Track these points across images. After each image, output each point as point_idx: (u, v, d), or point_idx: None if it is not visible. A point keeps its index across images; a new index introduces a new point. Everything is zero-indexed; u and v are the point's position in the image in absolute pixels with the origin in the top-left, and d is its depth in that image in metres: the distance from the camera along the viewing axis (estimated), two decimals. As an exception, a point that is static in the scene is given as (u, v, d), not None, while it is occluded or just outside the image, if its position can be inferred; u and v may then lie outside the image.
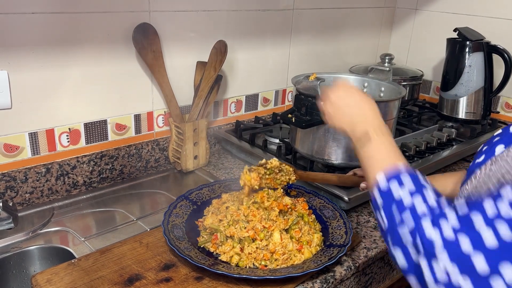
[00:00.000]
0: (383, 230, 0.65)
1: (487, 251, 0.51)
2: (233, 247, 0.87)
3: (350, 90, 0.81)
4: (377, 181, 0.65)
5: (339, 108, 0.80)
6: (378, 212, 0.65)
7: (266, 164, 0.97)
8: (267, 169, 0.97)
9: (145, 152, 1.28)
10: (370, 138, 0.72)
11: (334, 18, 1.68)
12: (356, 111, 0.77)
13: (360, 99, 0.79)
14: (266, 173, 0.97)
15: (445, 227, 0.55)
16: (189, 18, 1.26)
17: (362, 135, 0.73)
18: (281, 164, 0.99)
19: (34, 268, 0.95)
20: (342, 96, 0.80)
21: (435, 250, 0.54)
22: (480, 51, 1.51)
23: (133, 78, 1.21)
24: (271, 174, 0.98)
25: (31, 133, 1.07)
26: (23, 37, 0.99)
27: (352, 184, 1.02)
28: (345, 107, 0.79)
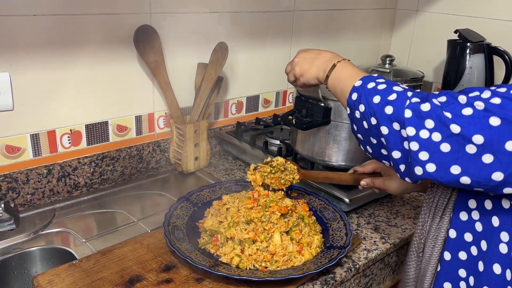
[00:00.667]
0: (360, 120, 0.74)
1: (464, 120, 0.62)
2: (234, 249, 0.87)
3: (307, 50, 0.92)
4: (353, 84, 0.76)
5: (305, 63, 0.90)
6: (356, 107, 0.74)
7: (271, 161, 0.98)
8: (273, 167, 0.97)
9: (146, 153, 1.28)
10: (335, 65, 0.84)
11: (334, 19, 1.68)
12: (322, 57, 0.88)
13: (320, 50, 0.90)
14: (271, 171, 0.98)
15: (434, 101, 0.65)
16: (190, 20, 1.27)
17: (329, 68, 0.84)
18: (286, 161, 0.99)
19: (36, 269, 0.96)
20: (304, 54, 0.91)
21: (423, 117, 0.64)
22: (480, 53, 1.51)
23: (134, 80, 1.21)
24: (276, 173, 0.98)
25: (32, 134, 1.07)
26: (25, 39, 1.00)
27: (353, 181, 1.02)
28: (311, 59, 0.89)
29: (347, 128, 1.10)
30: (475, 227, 0.72)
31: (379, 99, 0.70)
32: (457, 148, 0.62)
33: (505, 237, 0.68)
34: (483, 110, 0.61)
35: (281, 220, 0.91)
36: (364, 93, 0.73)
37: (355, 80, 0.77)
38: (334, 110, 1.08)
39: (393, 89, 0.71)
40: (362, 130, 0.75)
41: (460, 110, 0.63)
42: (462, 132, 0.61)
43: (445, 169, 0.64)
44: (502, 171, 0.61)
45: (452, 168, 0.63)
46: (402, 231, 1.04)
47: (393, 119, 0.68)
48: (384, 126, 0.69)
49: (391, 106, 0.68)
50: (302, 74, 0.91)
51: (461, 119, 0.62)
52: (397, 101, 0.68)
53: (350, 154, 1.12)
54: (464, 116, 0.62)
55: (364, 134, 0.75)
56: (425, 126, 0.64)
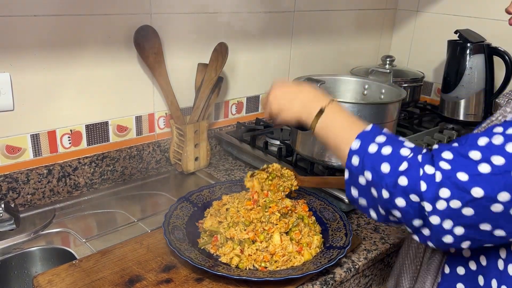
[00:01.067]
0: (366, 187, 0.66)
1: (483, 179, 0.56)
2: (233, 249, 0.87)
3: (287, 83, 0.85)
4: (351, 145, 0.68)
5: (285, 101, 0.81)
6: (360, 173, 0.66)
7: (267, 167, 0.98)
8: (269, 173, 0.98)
9: (146, 154, 1.28)
10: (323, 110, 0.75)
11: (335, 20, 1.68)
12: (303, 96, 0.80)
13: (299, 86, 0.82)
14: (268, 178, 0.97)
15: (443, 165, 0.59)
16: (190, 20, 1.27)
17: (315, 112, 0.76)
18: (282, 168, 0.99)
19: (36, 269, 0.96)
20: (282, 91, 0.83)
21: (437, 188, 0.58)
22: (481, 53, 1.51)
23: (135, 80, 1.21)
24: (274, 179, 0.98)
25: (33, 135, 1.07)
26: (25, 40, 1.00)
27: None
28: (291, 98, 0.81)
29: (347, 129, 1.10)
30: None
31: (389, 169, 0.63)
32: (481, 210, 0.57)
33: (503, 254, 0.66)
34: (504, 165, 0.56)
35: (280, 220, 0.91)
36: (368, 159, 0.65)
37: (350, 136, 0.69)
38: (334, 111, 1.08)
39: (401, 155, 0.63)
40: (368, 197, 0.67)
41: (477, 169, 0.57)
42: (486, 194, 0.56)
43: (474, 229, 0.59)
44: None
45: (482, 225, 0.59)
46: (402, 231, 1.04)
47: (410, 191, 0.61)
48: (400, 198, 0.62)
49: (405, 178, 0.61)
50: (281, 112, 0.82)
51: (481, 179, 0.57)
52: (411, 171, 0.61)
53: (350, 154, 1.12)
54: (483, 176, 0.57)
55: (371, 201, 0.67)
56: (441, 197, 0.58)
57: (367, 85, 1.32)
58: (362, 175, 0.66)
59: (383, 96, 1.28)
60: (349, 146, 0.68)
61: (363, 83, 1.33)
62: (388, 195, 0.63)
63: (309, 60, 1.65)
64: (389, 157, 0.63)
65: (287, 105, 0.81)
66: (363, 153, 0.66)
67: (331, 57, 1.73)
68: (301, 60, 1.62)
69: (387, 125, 1.14)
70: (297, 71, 1.60)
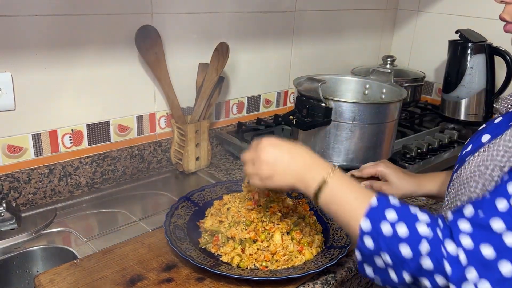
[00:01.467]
0: (384, 268, 0.61)
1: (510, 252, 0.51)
2: (234, 248, 0.87)
3: (278, 145, 0.73)
4: (361, 227, 0.62)
5: (277, 167, 0.72)
6: (377, 256, 0.60)
7: None
8: None
9: (147, 153, 1.29)
10: (326, 182, 0.68)
11: (335, 19, 1.68)
12: (299, 163, 0.71)
13: (293, 150, 0.73)
14: None
15: (464, 240, 0.54)
16: (191, 20, 1.27)
17: (318, 183, 0.68)
18: None
19: (37, 268, 0.96)
20: (275, 154, 0.73)
21: (463, 271, 0.53)
22: (482, 53, 1.51)
23: (136, 80, 1.21)
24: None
25: (34, 134, 1.07)
26: (26, 39, 1.00)
27: None
28: (285, 165, 0.72)
29: (348, 129, 1.10)
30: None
31: (410, 252, 0.57)
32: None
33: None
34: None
35: (282, 220, 0.92)
36: (383, 241, 0.59)
37: (358, 213, 0.62)
38: (335, 110, 1.08)
39: (419, 234, 0.57)
40: (386, 277, 0.61)
41: (503, 242, 0.52)
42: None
43: None
44: None
45: None
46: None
47: (435, 273, 0.56)
48: (426, 280, 0.57)
49: (429, 260, 0.56)
50: (273, 178, 0.72)
51: (509, 253, 0.51)
52: (434, 252, 0.56)
53: (351, 153, 1.13)
54: (510, 249, 0.51)
55: (391, 282, 0.61)
56: (467, 278, 0.53)
57: (368, 85, 1.32)
58: (379, 256, 0.60)
59: (384, 96, 1.28)
60: (358, 224, 0.62)
61: (364, 83, 1.33)
62: (411, 279, 0.58)
63: (310, 60, 1.65)
64: (408, 238, 0.58)
65: (280, 171, 0.72)
66: (377, 234, 0.60)
67: (332, 57, 1.73)
68: (302, 60, 1.62)
69: (388, 125, 1.15)
70: (298, 71, 1.60)
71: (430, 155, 1.31)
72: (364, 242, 0.61)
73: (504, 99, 0.77)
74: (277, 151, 0.73)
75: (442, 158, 1.31)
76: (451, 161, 1.35)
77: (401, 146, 1.32)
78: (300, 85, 1.16)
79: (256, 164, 0.74)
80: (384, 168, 0.97)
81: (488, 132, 0.71)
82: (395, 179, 0.96)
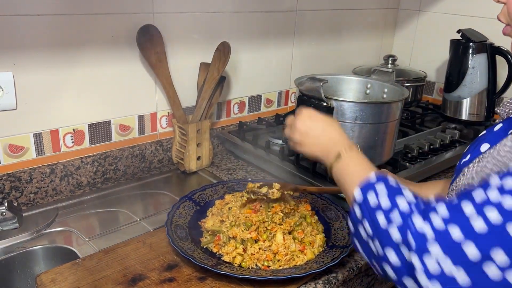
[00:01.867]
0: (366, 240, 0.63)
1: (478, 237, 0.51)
2: (236, 248, 0.87)
3: (315, 118, 0.84)
4: (354, 196, 0.66)
5: (309, 137, 0.82)
6: (360, 224, 0.64)
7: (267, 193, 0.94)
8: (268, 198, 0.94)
9: (148, 153, 1.28)
10: (341, 156, 0.76)
11: (337, 19, 1.68)
12: (327, 138, 0.80)
13: (326, 125, 0.82)
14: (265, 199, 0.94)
15: (435, 219, 0.55)
16: (193, 20, 1.27)
17: (335, 157, 0.77)
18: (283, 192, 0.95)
19: (39, 268, 0.96)
20: (309, 125, 0.83)
21: (426, 244, 0.54)
22: (483, 53, 1.51)
23: (137, 80, 1.21)
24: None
25: (35, 134, 1.07)
26: (28, 39, 1.00)
27: None
28: (315, 136, 0.82)
29: (349, 128, 1.10)
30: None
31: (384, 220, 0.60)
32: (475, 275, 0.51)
33: None
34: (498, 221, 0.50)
35: (283, 220, 0.91)
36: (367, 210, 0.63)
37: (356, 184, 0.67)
38: (337, 110, 1.08)
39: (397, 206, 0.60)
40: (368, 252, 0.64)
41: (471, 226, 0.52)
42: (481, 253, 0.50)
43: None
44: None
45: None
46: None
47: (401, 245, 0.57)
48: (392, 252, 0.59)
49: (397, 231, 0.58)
50: (303, 144, 0.84)
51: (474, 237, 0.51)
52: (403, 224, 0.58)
53: (353, 153, 1.12)
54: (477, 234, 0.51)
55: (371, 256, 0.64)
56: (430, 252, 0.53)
57: (369, 85, 1.32)
58: (362, 227, 0.64)
59: (385, 95, 1.28)
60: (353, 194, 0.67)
61: (365, 82, 1.33)
62: (381, 248, 0.60)
63: (311, 59, 1.65)
64: (386, 208, 0.61)
65: (310, 142, 0.82)
66: (364, 204, 0.64)
67: (333, 57, 1.73)
68: (303, 60, 1.62)
69: (390, 124, 1.14)
70: (299, 70, 1.60)
71: (431, 154, 1.31)
72: (354, 211, 0.66)
73: (505, 103, 0.76)
74: (311, 123, 0.83)
75: (444, 157, 1.31)
76: (452, 160, 1.35)
77: (403, 146, 1.32)
78: (301, 85, 1.16)
79: (292, 129, 0.85)
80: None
81: (487, 141, 0.70)
82: None
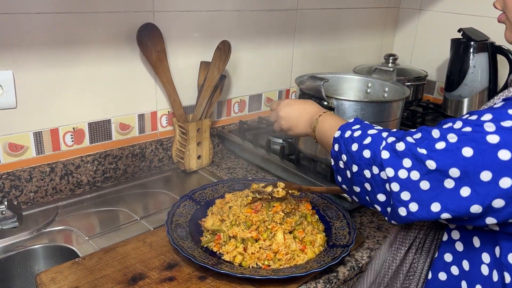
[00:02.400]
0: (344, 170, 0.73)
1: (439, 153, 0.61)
2: (236, 247, 0.87)
3: (292, 103, 0.96)
4: (334, 136, 0.77)
5: (292, 120, 0.93)
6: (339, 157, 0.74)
7: (272, 192, 0.94)
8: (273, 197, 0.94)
9: (148, 152, 1.28)
10: (318, 119, 0.86)
11: (338, 18, 1.67)
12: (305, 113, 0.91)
13: (303, 105, 0.94)
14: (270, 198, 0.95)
15: (408, 138, 0.65)
16: (193, 18, 1.27)
17: (315, 120, 0.87)
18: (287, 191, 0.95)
19: (39, 267, 0.96)
20: (289, 110, 0.94)
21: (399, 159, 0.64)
22: (484, 52, 1.50)
23: (137, 78, 1.21)
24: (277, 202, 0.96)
25: (35, 132, 1.07)
26: (28, 37, 1.00)
27: None
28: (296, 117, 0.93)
29: (350, 127, 1.09)
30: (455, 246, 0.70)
31: (357, 146, 0.70)
32: (436, 184, 0.61)
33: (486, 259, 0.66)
34: (456, 142, 0.60)
35: (284, 219, 0.91)
36: (343, 143, 0.74)
37: (334, 131, 0.78)
38: (338, 109, 1.08)
39: (368, 133, 0.71)
40: (345, 181, 0.74)
41: (434, 145, 0.61)
42: (438, 167, 0.60)
43: (426, 208, 0.62)
44: (479, 203, 0.59)
45: (433, 205, 0.62)
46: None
47: (372, 162, 0.67)
48: (366, 170, 0.68)
49: (368, 150, 0.68)
50: (291, 128, 0.94)
51: (436, 154, 0.60)
52: (373, 144, 0.68)
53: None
54: (438, 151, 0.60)
55: (348, 185, 0.74)
56: (403, 165, 0.63)
57: (370, 84, 1.31)
58: (341, 160, 0.74)
59: (386, 94, 1.28)
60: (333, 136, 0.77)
61: (366, 81, 1.32)
62: (356, 168, 0.70)
63: (311, 58, 1.65)
64: (358, 137, 0.71)
65: (295, 123, 0.93)
66: (341, 140, 0.74)
67: (333, 56, 1.73)
68: (304, 59, 1.62)
69: (391, 123, 1.14)
70: (299, 69, 1.60)
71: (432, 153, 1.31)
72: (334, 147, 0.76)
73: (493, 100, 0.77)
74: (290, 108, 0.94)
75: (445, 156, 1.31)
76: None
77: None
78: (302, 84, 1.16)
79: (278, 120, 0.96)
80: None
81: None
82: None
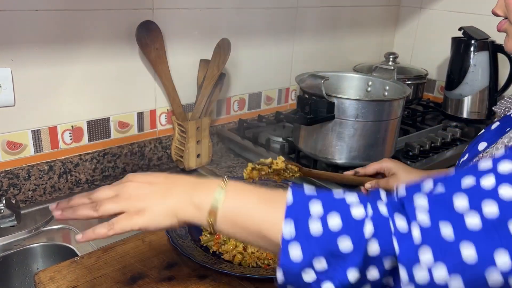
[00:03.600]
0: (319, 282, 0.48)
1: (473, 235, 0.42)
2: (236, 246, 0.87)
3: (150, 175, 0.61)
4: (282, 235, 0.48)
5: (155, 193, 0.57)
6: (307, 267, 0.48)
7: (271, 163, 0.96)
8: (272, 169, 0.96)
9: (147, 150, 1.28)
10: (223, 187, 0.55)
11: (338, 16, 1.67)
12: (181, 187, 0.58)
13: (173, 178, 0.60)
14: (269, 172, 0.96)
15: (419, 214, 0.45)
16: (193, 16, 1.26)
17: (215, 194, 0.55)
18: (287, 164, 0.96)
19: (37, 266, 0.95)
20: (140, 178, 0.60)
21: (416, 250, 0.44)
22: (485, 50, 1.50)
23: (136, 76, 1.20)
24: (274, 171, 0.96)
25: (34, 130, 1.07)
26: (26, 34, 0.99)
27: (356, 182, 1.02)
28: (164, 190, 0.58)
29: (350, 126, 1.09)
30: None
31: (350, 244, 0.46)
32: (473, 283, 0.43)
33: None
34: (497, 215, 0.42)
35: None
36: (316, 244, 0.47)
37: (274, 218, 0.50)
38: (338, 108, 1.07)
39: (356, 218, 0.47)
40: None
41: (464, 222, 0.43)
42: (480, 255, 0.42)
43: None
44: None
45: None
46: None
47: (383, 256, 0.46)
48: (375, 269, 0.47)
49: (376, 243, 0.46)
50: (144, 209, 0.56)
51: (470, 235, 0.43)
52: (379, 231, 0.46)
53: (354, 151, 1.12)
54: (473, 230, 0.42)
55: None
56: (420, 260, 0.44)
57: (370, 82, 1.31)
58: (311, 269, 0.48)
59: (386, 93, 1.27)
60: (279, 233, 0.48)
61: (366, 80, 1.32)
62: (359, 274, 0.46)
63: (311, 56, 1.64)
64: (344, 228, 0.47)
65: (157, 196, 0.56)
66: (306, 239, 0.47)
67: (334, 54, 1.72)
68: (304, 57, 1.61)
69: (391, 122, 1.14)
70: (299, 67, 1.59)
71: (432, 152, 1.31)
72: (290, 255, 0.48)
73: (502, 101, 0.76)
74: (143, 177, 0.59)
75: (445, 155, 1.31)
76: (453, 158, 1.35)
77: (404, 144, 1.32)
78: (302, 82, 1.15)
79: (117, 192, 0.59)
80: (390, 162, 0.97)
81: (485, 139, 0.70)
82: (403, 171, 0.95)
